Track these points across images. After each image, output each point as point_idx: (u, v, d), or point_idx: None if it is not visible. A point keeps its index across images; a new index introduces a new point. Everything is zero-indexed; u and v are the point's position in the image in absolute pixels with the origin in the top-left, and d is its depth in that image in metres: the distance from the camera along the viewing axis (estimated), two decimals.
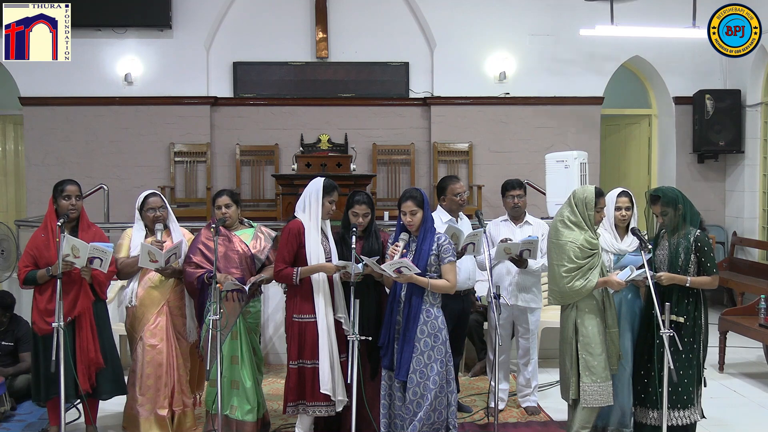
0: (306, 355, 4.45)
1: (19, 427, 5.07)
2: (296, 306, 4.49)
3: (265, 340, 6.22)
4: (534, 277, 5.22)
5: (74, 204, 4.57)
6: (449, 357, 4.26)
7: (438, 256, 4.24)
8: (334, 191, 4.53)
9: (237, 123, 9.31)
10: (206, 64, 9.18)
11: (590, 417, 4.41)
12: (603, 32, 8.37)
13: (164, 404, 4.66)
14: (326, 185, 4.52)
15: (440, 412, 4.18)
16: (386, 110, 9.42)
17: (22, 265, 4.59)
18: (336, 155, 7.66)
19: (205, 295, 4.52)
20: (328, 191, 4.51)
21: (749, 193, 9.10)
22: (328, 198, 4.50)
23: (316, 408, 4.45)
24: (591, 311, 4.34)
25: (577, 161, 6.58)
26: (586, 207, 4.37)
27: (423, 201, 4.28)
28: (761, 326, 5.91)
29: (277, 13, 9.25)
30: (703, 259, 4.29)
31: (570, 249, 4.32)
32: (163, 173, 9.16)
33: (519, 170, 8.58)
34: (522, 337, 5.31)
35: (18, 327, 5.54)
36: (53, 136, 9.05)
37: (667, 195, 4.35)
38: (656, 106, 9.97)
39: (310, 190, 4.53)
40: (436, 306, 4.25)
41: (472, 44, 9.29)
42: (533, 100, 9.36)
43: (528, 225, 5.31)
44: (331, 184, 4.55)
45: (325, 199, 4.49)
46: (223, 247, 4.56)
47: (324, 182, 4.53)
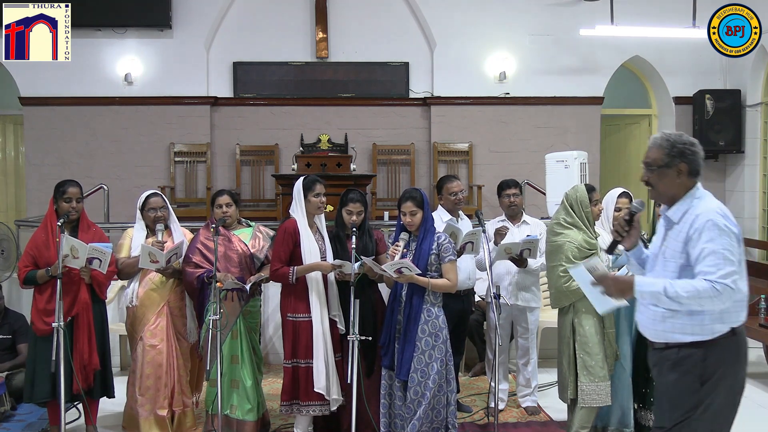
0: (300, 354, 4.45)
1: (19, 427, 5.07)
2: (290, 305, 4.49)
3: (265, 340, 6.23)
4: (533, 277, 5.22)
5: (74, 206, 4.57)
6: (449, 356, 4.27)
7: (438, 255, 4.24)
8: (314, 185, 4.52)
9: (237, 123, 9.31)
10: (206, 64, 9.18)
11: (589, 417, 4.41)
12: (603, 32, 8.37)
13: (164, 404, 4.66)
14: (305, 182, 4.53)
15: (439, 411, 4.18)
16: (386, 110, 9.42)
17: (22, 265, 4.59)
18: (336, 155, 7.66)
19: (204, 295, 4.52)
20: (308, 187, 4.51)
21: (749, 193, 9.10)
22: (311, 194, 4.50)
23: (310, 407, 4.46)
24: (588, 311, 4.35)
25: (577, 161, 6.59)
26: (581, 205, 4.39)
27: (423, 201, 4.28)
28: (761, 326, 5.91)
29: (277, 13, 9.25)
30: None
31: (568, 249, 4.33)
32: (163, 173, 9.16)
33: (519, 170, 8.59)
34: (521, 337, 5.31)
35: (14, 320, 5.54)
36: (53, 136, 9.05)
37: None
38: (656, 106, 9.97)
39: (294, 190, 4.57)
40: (437, 305, 4.26)
41: (472, 44, 9.29)
42: (533, 100, 9.36)
43: (526, 224, 5.31)
44: (310, 179, 4.55)
45: (309, 195, 4.50)
46: (222, 247, 4.56)
47: (303, 179, 4.55)
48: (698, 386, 2.93)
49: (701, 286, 2.82)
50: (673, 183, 3.01)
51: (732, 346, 3.00)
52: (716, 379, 2.94)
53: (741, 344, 3.06)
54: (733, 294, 2.85)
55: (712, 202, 2.97)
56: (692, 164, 2.99)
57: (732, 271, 2.84)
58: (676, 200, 3.03)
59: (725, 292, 2.82)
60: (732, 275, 2.83)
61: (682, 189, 3.02)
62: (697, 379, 2.93)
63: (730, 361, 2.99)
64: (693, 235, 2.89)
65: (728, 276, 2.82)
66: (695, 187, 3.02)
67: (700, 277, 2.84)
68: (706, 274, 2.83)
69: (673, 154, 2.99)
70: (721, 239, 2.85)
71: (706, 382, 2.93)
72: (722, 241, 2.85)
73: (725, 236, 2.86)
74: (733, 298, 2.87)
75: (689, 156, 2.99)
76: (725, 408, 3.01)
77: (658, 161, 3.02)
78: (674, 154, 2.99)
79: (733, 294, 2.85)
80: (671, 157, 2.99)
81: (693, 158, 2.99)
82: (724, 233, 2.86)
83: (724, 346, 2.97)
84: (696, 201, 2.98)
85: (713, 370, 2.94)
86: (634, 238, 3.17)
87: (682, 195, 3.02)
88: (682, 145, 3.00)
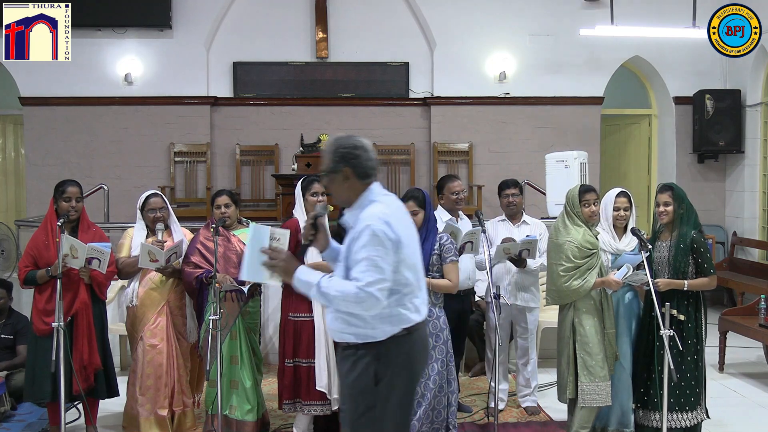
0: (301, 354, 4.45)
1: (19, 427, 5.07)
2: (292, 305, 4.49)
3: (265, 340, 6.22)
4: (533, 277, 5.22)
5: (74, 206, 4.57)
6: (450, 357, 4.27)
7: (440, 256, 4.24)
8: (311, 185, 4.54)
9: (237, 123, 9.32)
10: (206, 64, 9.18)
11: (589, 417, 4.41)
12: (603, 32, 8.37)
13: (164, 404, 4.65)
14: (303, 182, 4.58)
15: (440, 411, 4.18)
16: (386, 110, 9.42)
17: (22, 265, 4.59)
18: None
19: (203, 295, 4.52)
20: (306, 187, 4.55)
21: (749, 193, 9.09)
22: (308, 193, 4.53)
23: (311, 407, 4.45)
24: (588, 311, 4.35)
25: (577, 161, 6.59)
26: (572, 205, 4.43)
27: (425, 201, 4.29)
28: (761, 326, 5.91)
29: (277, 13, 9.25)
30: (700, 260, 4.30)
31: (568, 248, 4.33)
32: (163, 173, 9.16)
33: (519, 170, 8.59)
34: (520, 337, 5.31)
35: (17, 320, 5.55)
36: (53, 136, 9.05)
37: (678, 189, 4.42)
38: (656, 106, 9.98)
39: (295, 191, 4.61)
40: (437, 306, 4.26)
41: (472, 44, 9.29)
42: (533, 100, 9.36)
43: (525, 225, 5.31)
44: (308, 179, 4.58)
45: (307, 195, 4.53)
46: (222, 247, 4.56)
47: (302, 181, 4.60)
48: (373, 386, 2.93)
49: (350, 289, 2.81)
50: (342, 187, 3.01)
51: (406, 347, 2.97)
52: (390, 378, 2.94)
53: (416, 342, 3.02)
54: (377, 303, 2.82)
55: (377, 208, 2.93)
56: (357, 168, 2.98)
57: (379, 279, 2.81)
58: (352, 204, 3.02)
59: (368, 299, 2.80)
60: (378, 283, 2.81)
61: (354, 193, 3.01)
62: (371, 379, 2.92)
63: (402, 361, 2.97)
64: (354, 239, 2.89)
65: (373, 284, 2.80)
66: (368, 190, 3.00)
67: (352, 281, 2.83)
68: (356, 280, 2.82)
69: (336, 159, 2.99)
70: (375, 247, 2.82)
71: (380, 381, 2.92)
72: (375, 249, 2.82)
73: (379, 244, 2.83)
74: (378, 306, 2.84)
75: (352, 160, 2.98)
76: (403, 403, 3.02)
77: (327, 167, 3.02)
78: (337, 158, 2.99)
79: (377, 303, 2.82)
80: (335, 162, 2.99)
81: (357, 162, 2.98)
82: (379, 241, 2.83)
83: (398, 347, 2.95)
84: (368, 204, 2.97)
85: (386, 370, 2.93)
86: (323, 241, 3.16)
87: (356, 199, 3.01)
88: (344, 149, 2.99)
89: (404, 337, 2.96)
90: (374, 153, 3.07)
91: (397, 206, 3.07)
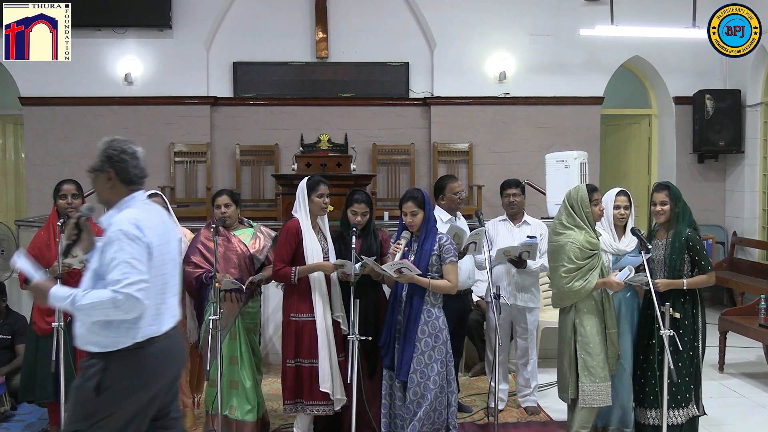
0: (303, 354, 4.45)
1: (19, 427, 5.07)
2: (293, 305, 4.49)
3: (265, 340, 6.22)
4: (533, 277, 5.22)
5: (70, 202, 4.56)
6: (450, 357, 4.26)
7: (439, 256, 4.23)
8: (318, 186, 4.52)
9: (237, 123, 9.32)
10: (206, 64, 9.18)
11: (589, 417, 4.41)
12: (603, 32, 8.37)
13: None
14: (309, 183, 4.53)
15: (440, 412, 4.18)
16: (386, 110, 9.42)
17: None
18: (336, 155, 7.66)
19: (203, 295, 4.52)
20: (312, 187, 4.51)
21: (749, 193, 9.10)
22: (314, 194, 4.50)
23: (314, 407, 4.45)
24: (590, 311, 4.35)
25: (577, 161, 6.59)
26: (582, 205, 4.38)
27: (424, 201, 4.28)
28: (761, 326, 5.91)
29: (277, 13, 9.25)
30: (697, 257, 4.32)
31: (570, 249, 4.32)
32: (163, 173, 9.15)
33: (519, 170, 8.59)
34: (520, 337, 5.31)
35: (14, 321, 5.54)
36: (53, 136, 9.05)
37: (674, 188, 4.45)
38: (656, 106, 9.98)
39: (298, 190, 4.56)
40: (437, 306, 4.25)
41: (472, 44, 9.29)
42: (533, 100, 9.36)
43: (526, 225, 5.31)
44: (314, 179, 4.55)
45: (313, 196, 4.50)
46: (222, 247, 4.56)
47: (307, 180, 4.55)
48: (95, 395, 2.89)
49: (105, 295, 2.79)
50: (104, 188, 3.03)
51: (135, 360, 2.94)
52: (117, 391, 2.90)
53: (147, 358, 2.96)
54: (137, 303, 2.82)
55: (130, 212, 2.95)
56: (122, 172, 3.00)
57: (139, 279, 2.81)
58: (111, 206, 3.03)
59: (129, 300, 2.79)
60: (138, 284, 2.81)
61: (116, 195, 3.02)
62: (94, 389, 2.89)
63: (132, 375, 2.93)
64: (106, 244, 2.88)
65: (133, 285, 2.80)
66: (131, 196, 3.02)
67: (109, 287, 2.81)
68: (113, 284, 2.80)
69: (103, 159, 3.01)
70: (131, 248, 2.84)
71: (105, 392, 2.89)
72: (131, 250, 2.83)
73: (134, 245, 2.84)
74: (139, 307, 2.83)
75: (117, 163, 2.99)
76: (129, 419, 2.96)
77: (94, 164, 3.04)
78: (104, 159, 3.01)
79: (137, 303, 2.82)
80: (102, 162, 3.01)
81: (122, 165, 3.00)
82: (133, 242, 2.84)
83: (127, 359, 2.92)
84: (124, 209, 2.97)
85: (113, 382, 2.89)
86: (86, 242, 3.15)
87: (116, 201, 3.02)
88: (113, 152, 3.01)
89: (139, 350, 2.93)
90: (144, 163, 3.08)
91: (155, 215, 3.06)
